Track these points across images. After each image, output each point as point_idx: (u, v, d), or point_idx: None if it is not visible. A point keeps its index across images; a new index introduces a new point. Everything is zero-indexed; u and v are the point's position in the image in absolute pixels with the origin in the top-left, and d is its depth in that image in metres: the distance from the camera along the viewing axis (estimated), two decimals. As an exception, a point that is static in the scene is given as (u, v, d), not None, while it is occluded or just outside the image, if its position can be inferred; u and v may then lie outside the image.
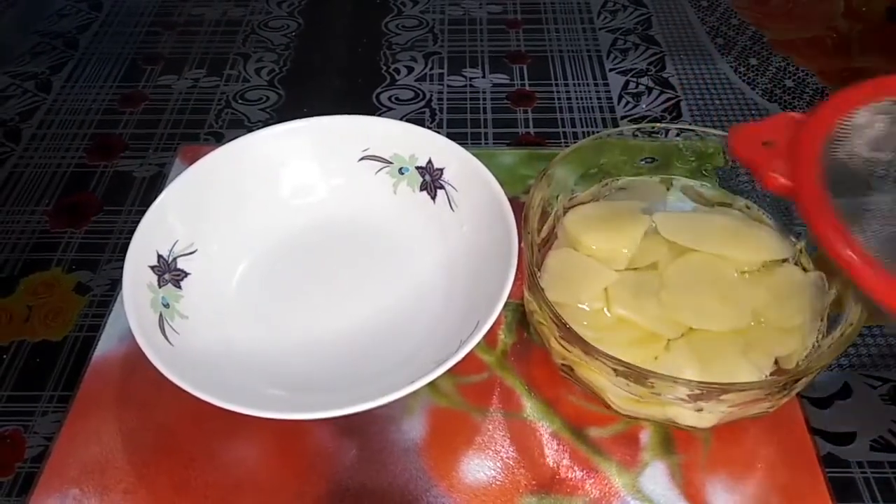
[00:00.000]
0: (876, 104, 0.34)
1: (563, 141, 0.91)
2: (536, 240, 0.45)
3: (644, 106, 1.03)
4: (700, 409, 0.37)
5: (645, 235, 0.45)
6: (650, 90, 1.09)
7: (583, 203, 0.48)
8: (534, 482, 0.47)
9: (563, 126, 0.94)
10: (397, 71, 1.28)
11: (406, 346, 0.53)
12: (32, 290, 0.72)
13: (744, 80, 1.15)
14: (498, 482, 0.47)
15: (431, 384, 0.52)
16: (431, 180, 0.53)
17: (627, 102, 1.05)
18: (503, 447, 0.49)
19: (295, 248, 0.54)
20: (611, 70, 1.15)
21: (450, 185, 0.53)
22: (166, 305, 0.53)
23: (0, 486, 0.55)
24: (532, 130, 0.94)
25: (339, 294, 0.53)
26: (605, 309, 0.43)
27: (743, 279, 0.43)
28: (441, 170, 0.52)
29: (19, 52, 1.24)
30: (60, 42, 1.30)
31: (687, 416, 0.39)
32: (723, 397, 0.36)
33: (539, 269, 0.46)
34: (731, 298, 0.42)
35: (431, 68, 1.25)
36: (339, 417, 0.51)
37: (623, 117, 1.00)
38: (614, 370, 0.37)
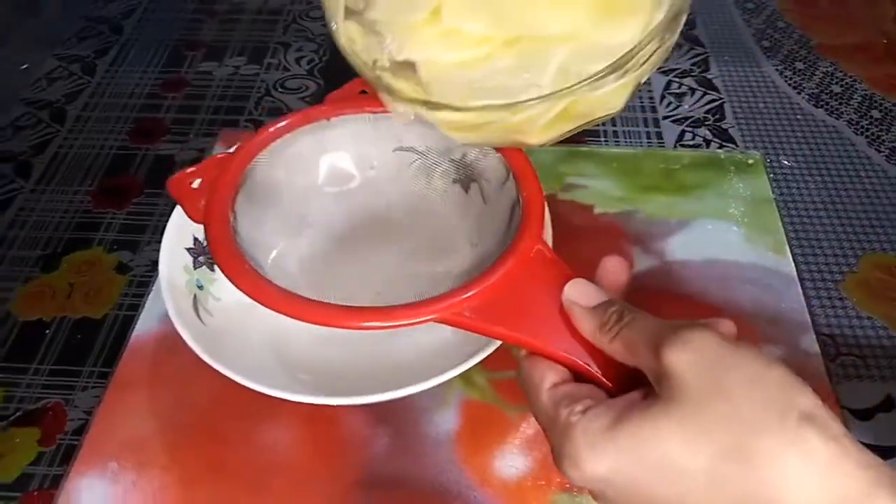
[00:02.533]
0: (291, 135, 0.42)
1: (602, 139, 0.90)
2: None
3: (687, 106, 1.02)
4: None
5: None
6: (693, 91, 1.08)
7: None
8: (566, 480, 0.47)
9: (603, 124, 0.94)
10: (437, 64, 1.28)
11: (438, 336, 0.53)
12: (75, 268, 0.73)
13: (789, 84, 1.13)
14: (530, 478, 0.47)
15: (465, 377, 0.52)
16: (465, 173, 0.53)
17: (670, 103, 1.03)
18: (536, 444, 0.49)
19: (328, 236, 0.54)
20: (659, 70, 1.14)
21: (483, 178, 0.53)
22: (200, 287, 0.54)
23: (43, 456, 0.57)
24: (571, 128, 0.94)
25: (371, 283, 0.53)
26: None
27: None
28: (474, 163, 0.52)
29: (66, 35, 1.26)
30: (106, 27, 1.32)
31: (527, 122, 0.35)
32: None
33: None
34: None
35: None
36: (372, 406, 0.51)
37: (665, 118, 0.99)
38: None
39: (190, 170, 0.40)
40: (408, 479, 0.48)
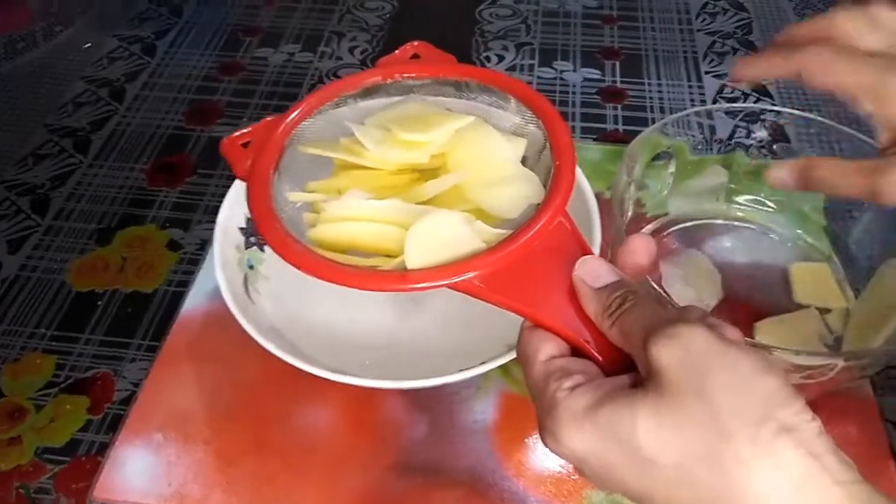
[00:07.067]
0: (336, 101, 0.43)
1: (652, 141, 0.90)
2: None
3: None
4: None
5: None
6: (746, 96, 1.06)
7: None
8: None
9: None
10: (488, 59, 1.28)
11: (479, 328, 0.53)
12: (128, 243, 0.75)
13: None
14: (566, 471, 0.47)
15: (504, 369, 0.52)
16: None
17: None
18: (573, 439, 0.49)
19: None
20: (706, 73, 1.12)
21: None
22: (251, 267, 0.55)
23: (91, 424, 0.58)
24: (621, 127, 0.93)
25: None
26: None
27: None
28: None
29: (129, 16, 1.29)
30: (166, 9, 1.35)
31: None
32: None
33: None
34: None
35: (522, 59, 1.25)
36: (411, 392, 0.52)
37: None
38: None
39: (242, 131, 0.41)
40: (443, 466, 0.48)
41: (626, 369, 0.29)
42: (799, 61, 0.36)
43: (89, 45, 1.20)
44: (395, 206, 0.37)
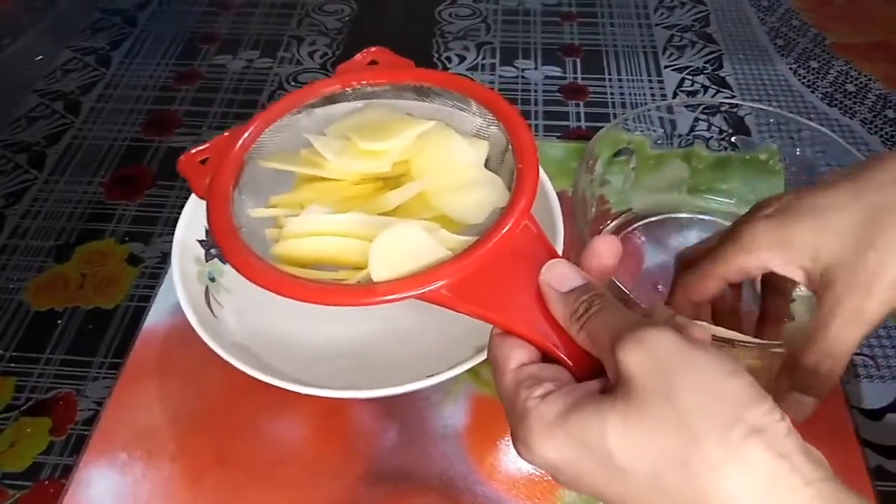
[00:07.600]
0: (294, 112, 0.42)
1: (614, 136, 0.90)
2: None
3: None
4: None
5: None
6: (706, 89, 1.07)
7: None
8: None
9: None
10: (449, 59, 1.28)
11: (447, 332, 0.53)
12: (87, 259, 0.74)
13: (803, 83, 1.13)
14: (538, 473, 0.47)
15: (473, 372, 0.52)
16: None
17: (682, 100, 1.03)
18: (544, 439, 0.49)
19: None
20: (666, 67, 1.13)
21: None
22: (212, 279, 0.54)
23: (54, 446, 0.57)
24: (583, 124, 0.93)
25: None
26: None
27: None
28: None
29: (81, 27, 1.27)
30: (120, 19, 1.33)
31: None
32: None
33: None
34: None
35: (483, 58, 1.25)
36: (381, 399, 0.52)
37: (677, 115, 0.99)
38: None
39: (199, 148, 0.40)
40: (415, 473, 0.48)
41: (597, 373, 0.28)
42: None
43: (41, 57, 1.17)
44: (356, 219, 0.36)
